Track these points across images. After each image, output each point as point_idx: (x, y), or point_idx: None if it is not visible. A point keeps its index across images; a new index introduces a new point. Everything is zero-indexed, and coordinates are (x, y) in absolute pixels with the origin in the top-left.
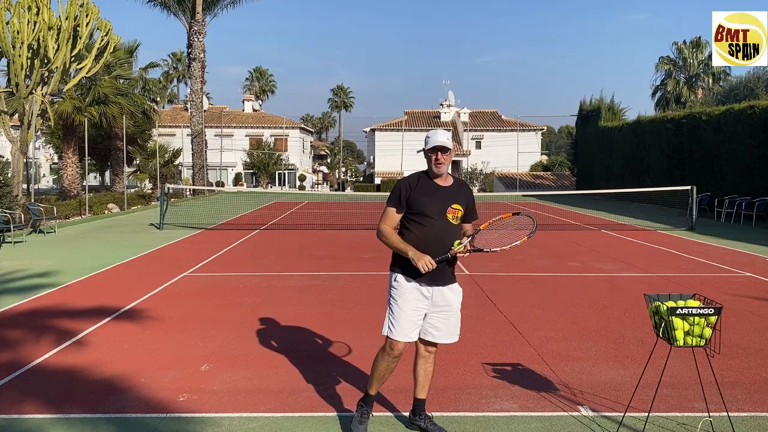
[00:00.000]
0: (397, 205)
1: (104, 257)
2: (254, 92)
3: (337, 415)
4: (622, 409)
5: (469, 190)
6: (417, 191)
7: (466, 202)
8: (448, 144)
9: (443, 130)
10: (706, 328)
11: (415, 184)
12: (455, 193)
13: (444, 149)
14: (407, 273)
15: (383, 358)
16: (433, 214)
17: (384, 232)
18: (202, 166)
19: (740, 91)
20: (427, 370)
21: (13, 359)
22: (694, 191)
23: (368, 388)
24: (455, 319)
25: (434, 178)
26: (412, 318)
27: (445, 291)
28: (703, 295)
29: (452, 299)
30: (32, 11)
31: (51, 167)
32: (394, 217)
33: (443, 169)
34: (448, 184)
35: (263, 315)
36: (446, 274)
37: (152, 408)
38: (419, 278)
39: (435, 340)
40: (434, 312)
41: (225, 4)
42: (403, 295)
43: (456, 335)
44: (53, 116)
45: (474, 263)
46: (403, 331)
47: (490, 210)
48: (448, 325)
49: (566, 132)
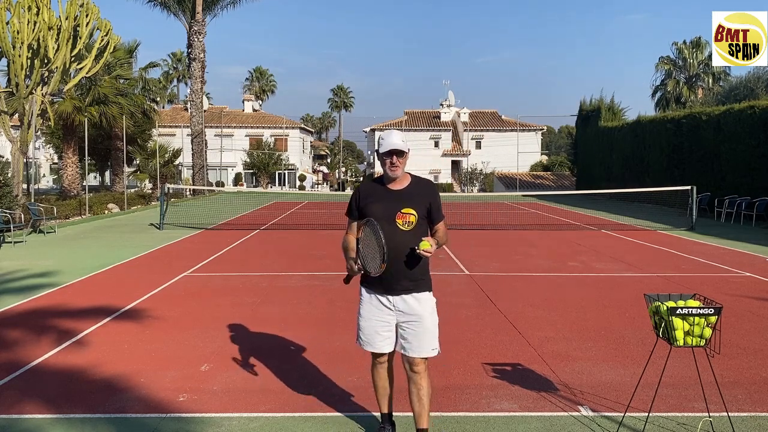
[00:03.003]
0: (351, 213)
1: (104, 257)
2: (254, 92)
3: (337, 415)
4: (622, 409)
5: (431, 190)
6: (366, 198)
7: (425, 204)
8: (403, 147)
9: (397, 131)
10: (706, 328)
11: (366, 191)
12: (410, 196)
13: (399, 152)
14: (367, 285)
15: (372, 369)
16: (380, 220)
17: (343, 242)
18: (202, 166)
19: (740, 91)
20: (418, 395)
21: (13, 359)
22: (694, 191)
23: (378, 407)
24: (425, 331)
25: (387, 183)
26: (378, 329)
27: (408, 299)
28: (703, 295)
29: (417, 309)
30: (32, 11)
31: (51, 167)
32: (352, 227)
33: (398, 173)
34: (401, 187)
35: (263, 315)
36: (400, 283)
37: (152, 408)
38: (373, 287)
39: (406, 353)
40: (403, 322)
41: (225, 4)
42: (364, 305)
43: (430, 349)
44: (53, 116)
45: (474, 263)
46: (371, 341)
47: (490, 210)
48: (416, 336)
49: (566, 132)
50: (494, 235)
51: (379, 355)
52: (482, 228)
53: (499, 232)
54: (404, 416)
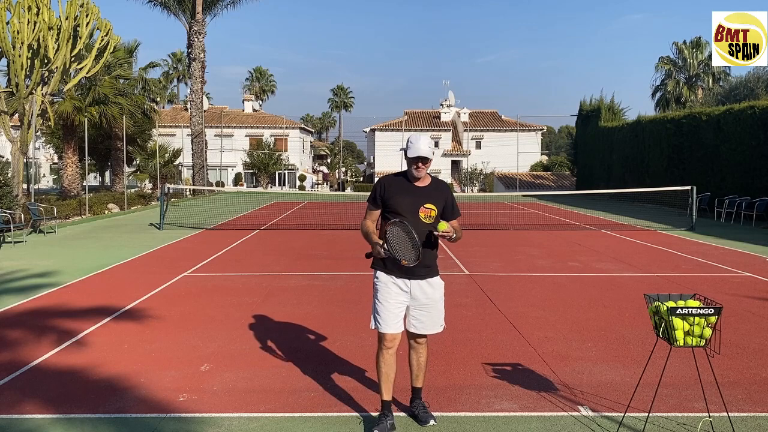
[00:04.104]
0: (373, 202)
1: (104, 257)
2: (254, 92)
3: (337, 415)
4: (622, 409)
5: (447, 190)
6: (392, 190)
7: (443, 202)
8: (429, 154)
9: (426, 137)
10: (706, 328)
11: (391, 184)
12: (430, 193)
13: (425, 160)
14: (384, 268)
15: (380, 353)
16: (405, 212)
17: (362, 227)
18: (202, 166)
19: (740, 91)
20: (419, 361)
21: (13, 359)
22: (694, 191)
23: (380, 394)
24: (437, 311)
25: (412, 181)
26: (394, 310)
27: (423, 284)
28: (703, 295)
29: (431, 292)
30: (32, 11)
31: (51, 167)
32: (372, 214)
33: (422, 173)
34: (424, 184)
35: (263, 315)
36: (420, 269)
37: (152, 408)
38: (391, 270)
39: (418, 331)
40: (415, 305)
41: (225, 4)
42: (383, 288)
43: (439, 326)
44: (53, 116)
45: (474, 263)
46: (388, 322)
47: (490, 210)
48: (429, 317)
49: (566, 132)
50: (494, 235)
51: (391, 337)
52: (482, 228)
53: (499, 232)
54: (404, 416)
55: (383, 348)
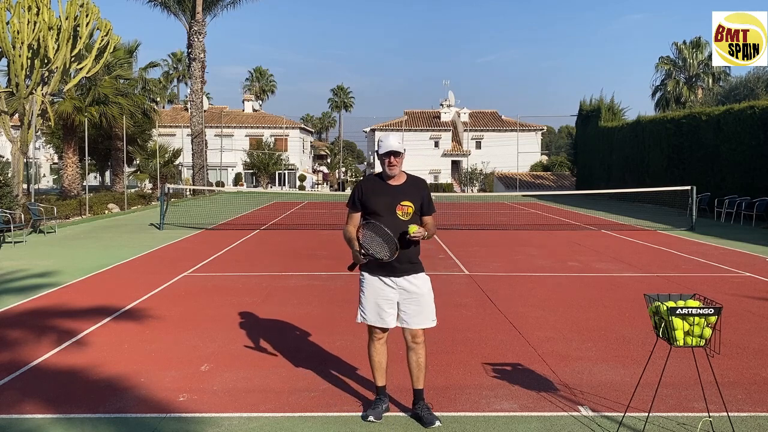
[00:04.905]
0: (353, 206)
1: (104, 257)
2: (254, 92)
3: (337, 415)
4: (622, 409)
5: (423, 186)
6: (368, 192)
7: (419, 198)
8: (400, 148)
9: (394, 133)
10: (706, 328)
11: (367, 186)
12: (406, 190)
13: (396, 153)
14: (369, 270)
15: (369, 344)
16: (382, 212)
17: (345, 233)
18: (202, 166)
19: (740, 91)
20: (418, 362)
21: (13, 359)
22: (694, 191)
23: (375, 380)
24: (426, 304)
25: (387, 180)
26: (378, 303)
27: (411, 280)
28: (703, 295)
29: (418, 288)
30: (32, 11)
31: (51, 167)
32: (353, 217)
33: (395, 171)
34: (400, 182)
35: (263, 315)
36: (402, 265)
37: (152, 408)
38: (376, 272)
39: (410, 325)
40: (405, 299)
41: (225, 4)
42: (367, 285)
43: (430, 320)
44: (53, 116)
45: (474, 263)
46: (369, 315)
47: (490, 210)
48: (419, 310)
49: (566, 132)
50: (494, 235)
51: (380, 330)
52: (482, 228)
53: (499, 232)
54: (408, 418)
55: (372, 339)
